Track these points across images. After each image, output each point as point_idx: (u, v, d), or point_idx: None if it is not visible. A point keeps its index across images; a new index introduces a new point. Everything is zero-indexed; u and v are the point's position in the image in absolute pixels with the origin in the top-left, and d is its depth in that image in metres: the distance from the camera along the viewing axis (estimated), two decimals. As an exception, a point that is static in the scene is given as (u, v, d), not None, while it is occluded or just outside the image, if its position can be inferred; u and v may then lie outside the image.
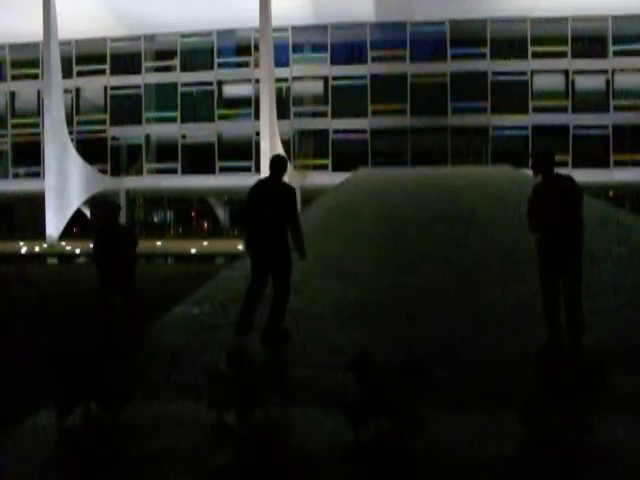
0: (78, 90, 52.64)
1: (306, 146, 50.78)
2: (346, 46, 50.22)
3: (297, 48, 50.53)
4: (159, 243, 39.19)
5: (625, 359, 6.93)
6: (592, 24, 47.53)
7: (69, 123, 47.98)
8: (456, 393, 6.00)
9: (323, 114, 49.88)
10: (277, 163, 8.12)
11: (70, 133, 47.27)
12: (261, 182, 8.21)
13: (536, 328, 7.87)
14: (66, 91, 50.66)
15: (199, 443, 4.89)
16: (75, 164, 45.09)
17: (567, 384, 4.84)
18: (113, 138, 52.01)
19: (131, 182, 50.87)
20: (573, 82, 48.42)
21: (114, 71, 51.94)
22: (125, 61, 52.03)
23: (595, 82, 48.50)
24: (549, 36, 48.05)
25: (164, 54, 52.18)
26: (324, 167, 49.37)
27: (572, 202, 7.39)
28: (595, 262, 12.04)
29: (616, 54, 47.79)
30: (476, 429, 5.09)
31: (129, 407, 5.39)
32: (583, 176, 44.32)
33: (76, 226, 49.30)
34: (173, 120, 51.12)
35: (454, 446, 4.79)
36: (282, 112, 47.07)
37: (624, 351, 7.25)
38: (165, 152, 51.52)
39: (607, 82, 48.15)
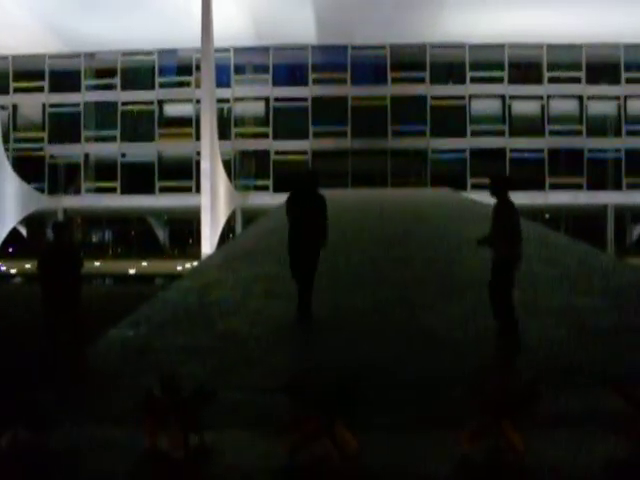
0: (15, 107, 51.69)
1: (247, 167, 50.77)
2: (288, 68, 50.51)
3: (239, 69, 50.61)
4: (97, 263, 38.62)
5: (558, 378, 7.09)
6: (528, 51, 48.76)
7: (5, 140, 47.04)
8: (392, 413, 6.05)
9: (264, 135, 49.99)
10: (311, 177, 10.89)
11: (6, 150, 46.32)
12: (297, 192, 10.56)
13: (470, 348, 8.00)
14: (3, 107, 49.77)
15: (133, 467, 4.84)
16: (11, 182, 44.14)
17: (502, 405, 4.93)
18: (51, 156, 51.14)
19: (69, 201, 50.01)
20: (510, 107, 49.52)
21: (53, 88, 51.14)
22: (64, 78, 51.31)
23: (531, 107, 49.70)
24: (486, 62, 49.12)
25: (105, 72, 51.62)
26: (265, 188, 49.40)
27: (518, 222, 8.61)
28: (530, 283, 12.30)
29: (551, 81, 49.07)
30: (412, 449, 5.15)
31: (61, 432, 5.31)
32: (520, 199, 45.39)
33: (12, 246, 48.22)
34: (113, 139, 50.58)
35: (389, 467, 4.83)
36: (223, 132, 46.99)
37: (556, 370, 7.42)
38: (104, 171, 50.85)
39: (542, 107, 49.37)
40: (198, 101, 45.08)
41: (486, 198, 9.46)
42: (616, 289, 12.23)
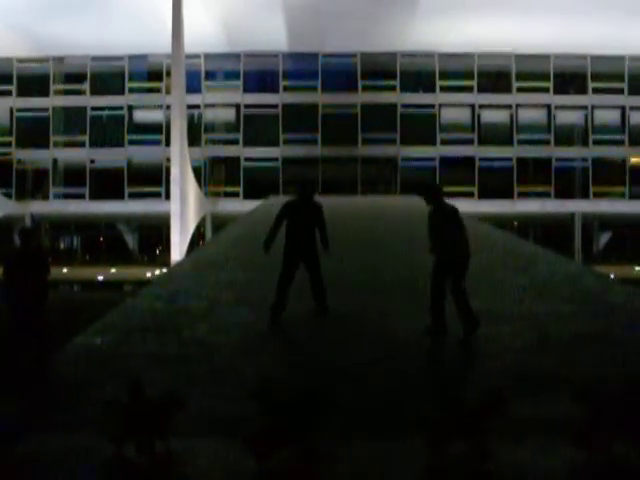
0: (-18, 111, 51.11)
1: (217, 173, 50.62)
2: (258, 75, 50.50)
3: (209, 75, 50.50)
4: (65, 270, 38.24)
5: (522, 385, 7.15)
6: (497, 61, 49.24)
7: (-28, 145, 46.53)
8: (361, 420, 6.06)
9: (235, 142, 49.89)
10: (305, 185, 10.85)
11: (-27, 155, 45.82)
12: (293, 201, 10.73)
13: (439, 353, 8.05)
14: (-30, 112, 49.21)
15: (99, 476, 4.80)
16: (-23, 187, 43.66)
17: (469, 413, 4.96)
18: (18, 161, 50.55)
19: (37, 207, 49.47)
20: (479, 116, 49.94)
21: (21, 92, 50.60)
22: (33, 82, 50.81)
23: (500, 116, 50.16)
24: (456, 71, 49.52)
25: (74, 77, 51.20)
26: (235, 194, 49.27)
27: (457, 226, 9.08)
28: (498, 291, 12.41)
29: (519, 90, 49.57)
30: (381, 456, 5.16)
31: (26, 441, 5.25)
32: (488, 207, 45.88)
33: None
34: (82, 144, 50.15)
35: (358, 475, 4.83)
36: (193, 139, 46.85)
37: (522, 377, 7.49)
38: (73, 177, 50.39)
39: (511, 116, 49.85)
40: (168, 107, 44.90)
41: (456, 205, 9.52)
42: (583, 296, 12.37)
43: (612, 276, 23.68)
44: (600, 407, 4.90)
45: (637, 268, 45.24)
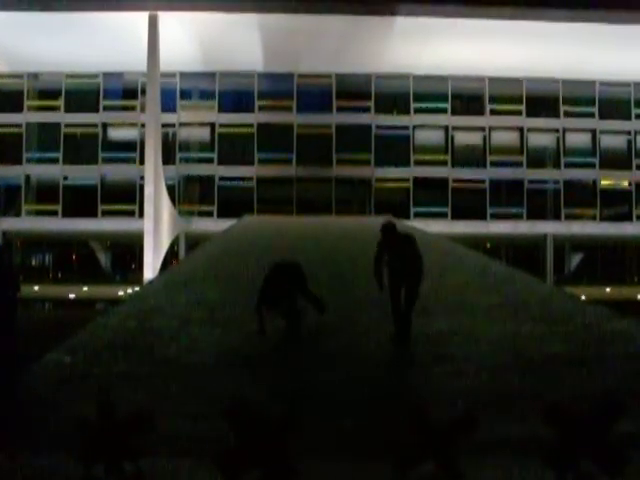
0: (-45, 127, 50.65)
1: (191, 192, 50.48)
2: (234, 94, 50.54)
3: (185, 94, 50.47)
4: (36, 287, 37.86)
5: (493, 405, 7.17)
6: (470, 84, 49.75)
7: (-57, 161, 46.03)
8: (331, 441, 6.04)
9: (209, 160, 49.84)
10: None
11: (-56, 171, 45.32)
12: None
13: (405, 374, 8.05)
14: (-59, 127, 48.73)
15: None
16: (-52, 204, 43.18)
17: (439, 433, 4.96)
18: (-10, 177, 50.13)
19: (8, 224, 48.95)
20: (452, 138, 50.36)
21: (-6, 108, 50.25)
22: (6, 98, 50.45)
23: (473, 138, 50.63)
24: (430, 93, 49.95)
25: (48, 93, 50.93)
26: (209, 213, 49.16)
27: (411, 249, 10.44)
28: (469, 311, 12.46)
29: (492, 113, 50.11)
30: (351, 476, 5.15)
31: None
32: (461, 228, 46.22)
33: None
34: (55, 161, 49.79)
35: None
36: (168, 157, 46.73)
37: (493, 397, 7.51)
38: (46, 194, 49.95)
39: (484, 138, 50.34)
40: (143, 125, 44.82)
41: (428, 226, 9.62)
42: (554, 317, 12.46)
43: (583, 297, 23.90)
44: (569, 427, 4.93)
45: (608, 289, 45.72)
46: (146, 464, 5.24)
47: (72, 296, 33.97)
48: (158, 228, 39.91)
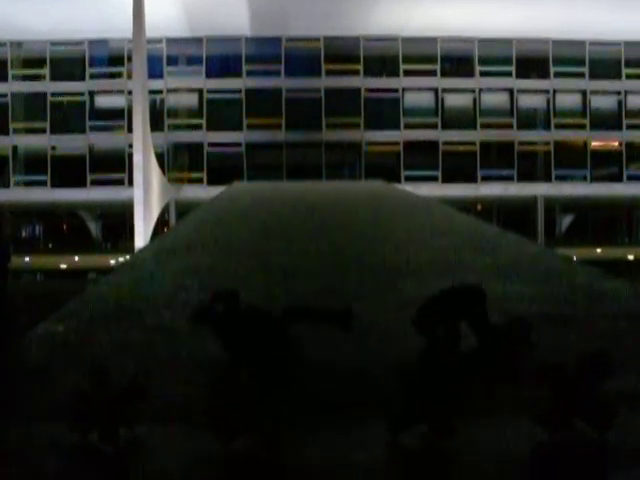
0: (-62, 97, 50.17)
1: (180, 159, 50.31)
2: (221, 59, 50.20)
3: (171, 60, 50.04)
4: (27, 258, 37.81)
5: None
6: (460, 45, 49.48)
7: None
8: (324, 401, 6.08)
9: (198, 127, 49.58)
10: None
11: None
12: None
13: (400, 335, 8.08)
14: None
15: (62, 464, 4.76)
16: None
17: (428, 391, 4.98)
18: (-23, 149, 49.80)
19: (-3, 195, 48.84)
20: (442, 100, 50.17)
21: (-22, 78, 49.77)
22: (-10, 68, 49.98)
23: (463, 100, 50.46)
24: (420, 55, 49.68)
25: (33, 62, 50.40)
26: (199, 181, 49.04)
27: None
28: (460, 272, 12.49)
29: (482, 74, 49.89)
30: (341, 439, 5.18)
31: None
32: (452, 190, 46.25)
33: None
34: (42, 131, 49.46)
35: (317, 459, 4.84)
36: (156, 124, 46.45)
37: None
38: (34, 164, 49.75)
39: (474, 100, 50.17)
40: (130, 92, 44.50)
41: (419, 189, 9.57)
42: (546, 278, 12.50)
43: (574, 258, 24.03)
44: (561, 386, 4.96)
45: (599, 250, 45.97)
46: (141, 430, 5.26)
47: (63, 266, 33.98)
48: (148, 197, 39.79)
